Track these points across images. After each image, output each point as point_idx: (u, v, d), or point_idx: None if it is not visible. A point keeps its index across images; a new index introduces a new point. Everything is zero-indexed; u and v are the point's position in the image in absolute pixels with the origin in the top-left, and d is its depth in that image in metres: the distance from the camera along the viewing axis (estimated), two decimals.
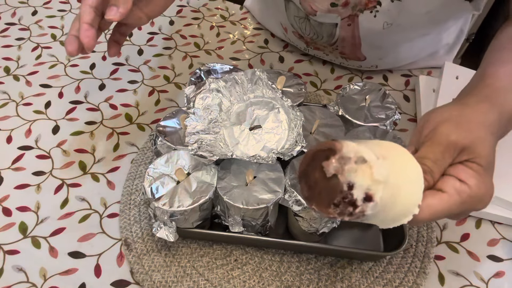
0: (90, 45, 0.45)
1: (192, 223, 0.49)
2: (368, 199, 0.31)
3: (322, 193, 0.33)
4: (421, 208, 0.35)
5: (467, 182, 0.36)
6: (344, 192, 0.31)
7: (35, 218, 0.55)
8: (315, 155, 0.33)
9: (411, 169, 0.34)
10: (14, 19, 0.83)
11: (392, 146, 0.35)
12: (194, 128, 0.51)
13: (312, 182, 0.34)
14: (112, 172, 0.60)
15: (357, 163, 0.31)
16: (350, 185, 0.31)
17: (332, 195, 0.32)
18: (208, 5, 0.90)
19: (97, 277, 0.51)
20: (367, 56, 0.71)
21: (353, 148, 0.31)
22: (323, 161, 0.32)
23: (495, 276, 0.53)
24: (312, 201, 0.34)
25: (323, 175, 0.32)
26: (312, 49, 0.75)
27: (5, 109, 0.67)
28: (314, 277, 0.51)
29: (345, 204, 0.32)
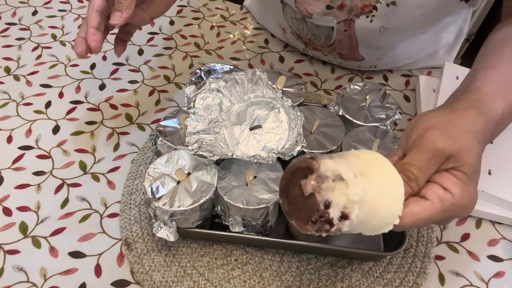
0: (97, 48, 0.49)
1: (192, 223, 0.49)
2: (344, 218, 0.32)
3: (301, 209, 0.34)
4: (403, 215, 0.35)
5: (451, 190, 0.36)
6: (321, 211, 0.32)
7: (36, 218, 0.55)
8: (295, 172, 0.34)
9: (390, 182, 0.34)
10: (14, 19, 0.83)
11: (373, 159, 0.35)
12: (195, 128, 0.51)
13: (292, 198, 0.34)
14: (113, 172, 0.60)
15: (335, 181, 0.32)
16: (326, 204, 0.32)
17: (309, 212, 0.33)
18: (208, 5, 0.90)
19: (98, 277, 0.51)
20: (365, 57, 0.71)
21: (330, 167, 0.32)
22: (302, 179, 0.33)
23: (495, 276, 0.53)
24: (292, 217, 0.35)
25: (302, 192, 0.33)
26: (311, 49, 0.75)
27: (5, 109, 0.67)
28: (314, 277, 0.51)
29: (322, 222, 0.32)
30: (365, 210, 0.32)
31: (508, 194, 0.56)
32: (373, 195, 0.33)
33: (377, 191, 0.33)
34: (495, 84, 0.42)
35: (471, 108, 0.39)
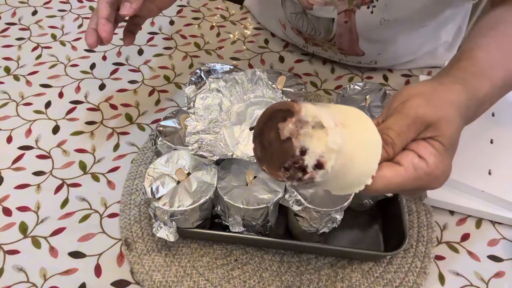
0: (108, 38, 0.51)
1: (192, 223, 0.49)
2: (319, 167, 0.30)
3: (274, 155, 0.32)
4: (375, 178, 0.34)
5: (426, 159, 0.35)
6: (296, 157, 0.30)
7: (35, 218, 0.55)
8: (273, 115, 0.32)
9: (370, 140, 0.34)
10: (14, 19, 0.83)
11: (355, 114, 0.34)
12: (194, 128, 0.51)
13: (266, 143, 0.33)
14: (112, 172, 0.60)
15: (314, 128, 0.30)
16: (303, 150, 0.30)
17: (283, 158, 0.31)
18: (208, 5, 0.90)
19: (97, 277, 0.51)
20: (366, 51, 0.71)
21: (311, 112, 0.30)
22: (280, 122, 0.31)
23: (495, 276, 0.53)
24: (263, 162, 0.33)
25: (278, 136, 0.31)
26: (311, 45, 0.75)
27: (5, 109, 0.67)
28: (314, 277, 0.51)
29: (295, 169, 0.31)
30: (341, 162, 0.31)
31: (508, 194, 0.56)
32: (352, 147, 0.31)
33: (356, 144, 0.32)
34: (481, 64, 0.42)
35: (457, 83, 0.39)
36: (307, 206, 0.47)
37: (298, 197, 0.47)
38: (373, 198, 0.53)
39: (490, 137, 0.62)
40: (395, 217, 0.53)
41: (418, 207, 0.58)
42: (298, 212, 0.48)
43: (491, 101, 0.43)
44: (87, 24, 0.82)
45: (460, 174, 0.57)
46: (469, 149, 0.60)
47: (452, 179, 0.57)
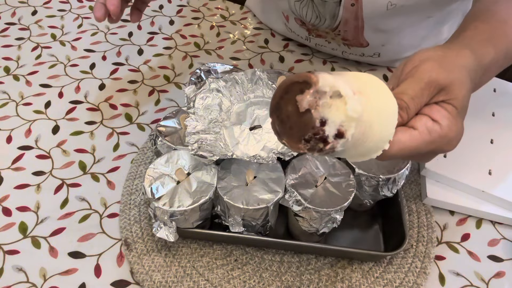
0: (116, 12, 0.51)
1: (192, 223, 0.49)
2: (340, 136, 0.30)
3: (293, 127, 0.32)
4: (391, 144, 0.34)
5: (440, 122, 0.36)
6: (316, 128, 0.30)
7: (35, 218, 0.55)
8: (289, 88, 0.32)
9: (387, 105, 0.34)
10: (14, 19, 0.83)
11: (371, 80, 0.34)
12: (194, 128, 0.51)
13: (284, 116, 0.32)
14: (112, 172, 0.60)
15: (332, 98, 0.30)
16: (322, 121, 0.30)
17: (303, 130, 0.31)
18: (208, 5, 0.90)
19: (97, 277, 0.50)
20: (370, 42, 0.71)
21: (329, 82, 0.30)
22: (297, 94, 0.31)
23: (495, 276, 0.53)
24: (283, 136, 0.33)
25: (296, 109, 0.31)
26: (314, 37, 0.75)
27: (5, 109, 0.67)
28: (314, 277, 0.51)
29: (316, 140, 0.31)
30: (360, 129, 0.31)
31: (508, 194, 0.56)
32: (370, 114, 0.31)
33: (374, 111, 0.32)
34: (485, 35, 0.44)
35: (466, 49, 0.40)
36: (307, 206, 0.47)
37: (298, 197, 0.47)
38: (373, 198, 0.53)
39: (490, 137, 0.62)
40: (395, 217, 0.53)
41: (418, 207, 0.58)
42: (298, 212, 0.48)
43: (494, 71, 0.44)
44: (87, 24, 0.83)
45: (460, 174, 0.57)
46: (469, 149, 0.60)
47: (452, 179, 0.57)
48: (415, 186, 0.60)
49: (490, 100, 0.67)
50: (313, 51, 0.81)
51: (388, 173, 0.50)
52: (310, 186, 0.49)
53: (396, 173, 0.50)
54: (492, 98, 0.67)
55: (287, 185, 0.49)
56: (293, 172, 0.50)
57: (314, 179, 0.50)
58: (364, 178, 0.51)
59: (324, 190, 0.48)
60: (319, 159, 0.51)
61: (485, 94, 0.41)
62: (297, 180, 0.49)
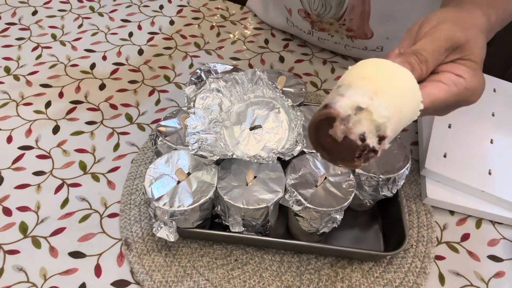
0: None
1: (192, 223, 0.49)
2: (382, 138, 0.33)
3: (342, 153, 0.35)
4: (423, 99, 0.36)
5: (463, 76, 0.39)
6: (361, 146, 0.33)
7: (35, 218, 0.55)
8: (319, 125, 0.34)
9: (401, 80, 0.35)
10: (14, 19, 0.83)
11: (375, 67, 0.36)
12: (195, 128, 0.51)
13: (328, 147, 0.35)
14: (112, 172, 0.60)
15: (357, 114, 0.32)
16: (362, 138, 0.33)
17: (352, 152, 0.34)
18: (208, 5, 0.90)
19: (97, 277, 0.51)
20: (375, 32, 0.71)
21: (347, 104, 0.32)
22: (328, 129, 0.34)
23: (495, 276, 0.53)
24: (337, 161, 0.36)
25: (334, 139, 0.34)
26: (317, 30, 0.75)
27: (5, 109, 0.67)
28: (314, 277, 0.51)
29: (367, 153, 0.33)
30: (394, 121, 0.33)
31: (508, 194, 0.56)
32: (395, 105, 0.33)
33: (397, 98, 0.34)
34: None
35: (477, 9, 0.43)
36: (307, 206, 0.47)
37: (298, 197, 0.47)
38: (373, 198, 0.53)
39: (490, 137, 0.62)
40: (395, 217, 0.53)
41: (418, 207, 0.58)
42: (298, 212, 0.48)
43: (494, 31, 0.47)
44: (87, 24, 0.83)
45: (460, 174, 0.57)
46: (469, 149, 0.60)
47: (452, 179, 0.57)
48: (415, 186, 0.60)
49: (490, 100, 0.67)
50: (313, 51, 0.81)
51: (388, 173, 0.50)
52: (310, 186, 0.49)
53: (396, 173, 0.50)
54: (492, 98, 0.67)
55: (287, 185, 0.49)
56: (293, 172, 0.50)
57: (314, 179, 0.50)
58: (364, 178, 0.51)
59: (324, 190, 0.49)
60: (319, 159, 0.51)
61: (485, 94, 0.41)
62: (297, 180, 0.49)
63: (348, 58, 0.80)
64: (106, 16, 0.85)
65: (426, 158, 0.59)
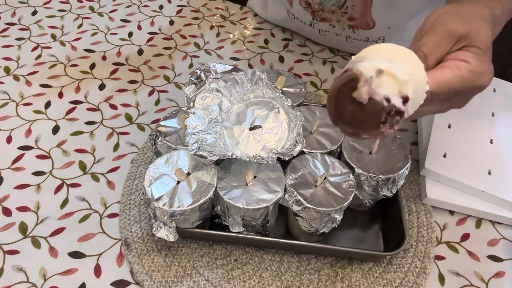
0: None
1: (192, 223, 0.49)
2: (406, 100, 0.33)
3: (365, 120, 0.34)
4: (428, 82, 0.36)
5: (467, 60, 0.39)
6: (387, 107, 0.32)
7: (35, 218, 0.55)
8: (339, 93, 0.34)
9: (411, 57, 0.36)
10: (14, 19, 0.83)
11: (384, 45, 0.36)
12: (194, 128, 0.51)
13: (349, 117, 0.34)
14: (112, 172, 0.60)
15: (378, 77, 0.32)
16: (387, 99, 0.32)
17: (377, 116, 0.33)
18: (208, 5, 0.90)
19: (97, 277, 0.50)
20: (377, 22, 0.70)
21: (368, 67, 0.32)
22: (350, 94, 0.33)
23: (495, 276, 0.53)
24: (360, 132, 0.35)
25: (358, 105, 0.33)
26: (318, 21, 0.75)
27: (5, 109, 0.67)
28: (314, 277, 0.51)
29: (392, 116, 0.33)
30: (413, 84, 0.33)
31: (508, 194, 0.56)
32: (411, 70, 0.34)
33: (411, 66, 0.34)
34: None
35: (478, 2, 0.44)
36: (307, 206, 0.47)
37: (298, 197, 0.47)
38: (373, 198, 0.53)
39: (490, 137, 0.62)
40: (395, 217, 0.53)
41: (418, 207, 0.58)
42: (298, 212, 0.48)
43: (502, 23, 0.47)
44: (87, 24, 0.83)
45: (460, 174, 0.57)
46: (469, 149, 0.60)
47: (452, 179, 0.57)
48: (415, 186, 0.60)
49: (490, 100, 0.67)
50: (313, 51, 0.81)
51: (388, 173, 0.50)
52: (310, 186, 0.49)
53: (396, 173, 0.50)
54: (492, 98, 0.67)
55: (287, 185, 0.49)
56: (293, 172, 0.50)
57: (314, 179, 0.50)
58: (364, 178, 0.51)
59: (324, 190, 0.49)
60: (318, 159, 0.51)
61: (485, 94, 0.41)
62: (297, 180, 0.49)
63: (348, 58, 0.80)
64: (105, 16, 0.85)
65: (426, 158, 0.59)
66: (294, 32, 0.84)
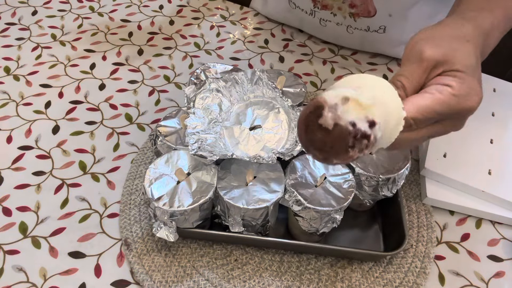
0: None
1: (192, 223, 0.49)
2: (372, 124, 0.33)
3: (334, 146, 0.34)
4: (407, 107, 0.36)
5: (449, 84, 0.38)
6: (353, 131, 0.33)
7: (35, 218, 0.55)
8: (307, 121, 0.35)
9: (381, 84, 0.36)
10: (14, 19, 0.83)
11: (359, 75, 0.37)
12: (194, 128, 0.51)
13: (319, 144, 0.35)
14: (112, 172, 0.60)
15: (344, 104, 0.33)
16: (352, 124, 0.33)
17: (344, 140, 0.34)
18: (208, 5, 0.90)
19: (97, 277, 0.51)
20: (378, 9, 0.70)
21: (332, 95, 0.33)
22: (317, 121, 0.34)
23: (495, 276, 0.53)
24: (330, 158, 0.35)
25: (325, 131, 0.34)
26: (319, 9, 0.74)
27: (5, 109, 0.67)
28: (314, 277, 0.51)
29: (359, 140, 0.33)
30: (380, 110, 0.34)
31: (508, 194, 0.56)
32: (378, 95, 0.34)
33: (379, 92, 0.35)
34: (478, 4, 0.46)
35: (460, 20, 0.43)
36: (307, 206, 0.47)
37: (298, 197, 0.47)
38: (373, 198, 0.53)
39: (490, 137, 0.62)
40: (395, 217, 0.53)
41: (418, 207, 0.58)
42: (298, 212, 0.48)
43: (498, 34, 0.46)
44: (87, 24, 0.83)
45: (460, 174, 0.57)
46: (469, 149, 0.60)
47: (452, 179, 0.57)
48: (415, 186, 0.60)
49: (490, 100, 0.67)
50: (313, 51, 0.81)
51: (388, 173, 0.50)
52: (310, 186, 0.49)
53: (396, 173, 0.50)
54: (492, 98, 0.67)
55: (287, 185, 0.49)
56: (293, 172, 0.50)
57: (314, 179, 0.50)
58: (364, 178, 0.51)
59: (324, 190, 0.49)
60: None
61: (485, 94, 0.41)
62: (297, 180, 0.49)
63: (348, 58, 0.80)
64: (106, 16, 0.85)
65: (426, 158, 0.59)
66: (294, 32, 0.84)
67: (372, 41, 0.77)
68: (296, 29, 0.85)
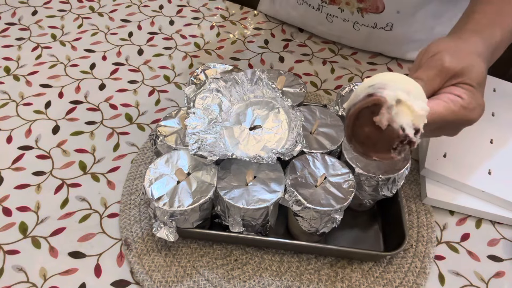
0: None
1: (192, 223, 0.49)
2: (417, 132, 0.35)
3: (378, 143, 0.36)
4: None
5: (460, 96, 0.41)
6: (402, 136, 0.35)
7: (35, 218, 0.55)
8: (360, 114, 0.36)
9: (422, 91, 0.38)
10: (14, 19, 0.83)
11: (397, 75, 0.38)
12: (194, 128, 0.51)
13: (363, 138, 0.37)
14: (112, 172, 0.60)
15: (397, 106, 0.35)
16: (402, 128, 0.35)
17: (390, 142, 0.35)
18: (208, 5, 0.90)
19: (97, 277, 0.51)
20: (386, 5, 0.70)
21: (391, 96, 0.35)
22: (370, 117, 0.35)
23: (495, 276, 0.53)
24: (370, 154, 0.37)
25: (375, 128, 0.36)
26: (327, 3, 0.74)
27: (5, 109, 0.67)
28: (314, 277, 0.51)
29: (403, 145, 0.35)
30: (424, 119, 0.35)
31: (508, 194, 0.56)
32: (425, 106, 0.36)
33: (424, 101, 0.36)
34: (491, 15, 0.49)
35: (474, 36, 0.46)
36: (307, 206, 0.47)
37: (298, 197, 0.47)
38: (373, 198, 0.53)
39: (490, 137, 0.62)
40: (395, 217, 0.53)
41: (418, 207, 0.58)
42: (297, 212, 0.48)
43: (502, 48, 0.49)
44: (87, 24, 0.83)
45: (460, 174, 0.57)
46: (469, 149, 0.60)
47: (452, 179, 0.57)
48: (415, 186, 0.60)
49: (490, 100, 0.67)
50: (313, 51, 0.81)
51: (388, 173, 0.50)
52: (310, 186, 0.49)
53: (396, 173, 0.50)
54: (492, 98, 0.67)
55: (287, 185, 0.49)
56: (293, 172, 0.50)
57: (314, 179, 0.50)
58: (364, 178, 0.51)
59: (324, 190, 0.49)
60: (318, 159, 0.51)
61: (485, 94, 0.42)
62: (297, 180, 0.49)
63: (348, 58, 0.80)
64: (106, 16, 0.85)
65: (426, 158, 0.59)
66: (294, 32, 0.84)
67: (377, 39, 0.77)
68: (296, 29, 0.85)
